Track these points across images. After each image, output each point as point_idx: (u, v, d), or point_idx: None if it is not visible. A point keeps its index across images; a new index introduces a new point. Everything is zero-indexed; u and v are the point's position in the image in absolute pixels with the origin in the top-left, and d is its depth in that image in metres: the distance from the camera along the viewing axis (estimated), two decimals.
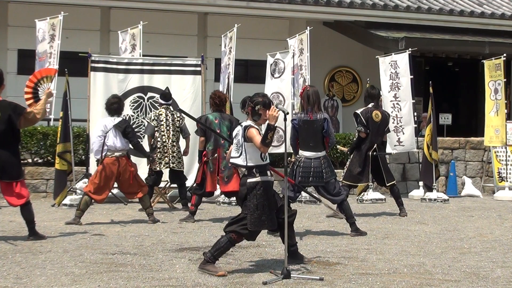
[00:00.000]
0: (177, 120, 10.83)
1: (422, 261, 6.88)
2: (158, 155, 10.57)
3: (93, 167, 10.83)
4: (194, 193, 9.82)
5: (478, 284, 5.90)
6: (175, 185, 11.35)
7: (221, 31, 14.53)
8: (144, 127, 11.67)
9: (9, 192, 7.76)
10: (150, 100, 12.14)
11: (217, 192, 10.39)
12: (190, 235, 8.44)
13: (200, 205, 9.89)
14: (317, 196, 8.60)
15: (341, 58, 18.88)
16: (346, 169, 10.74)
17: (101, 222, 9.51)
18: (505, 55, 14.53)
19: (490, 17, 17.98)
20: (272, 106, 6.26)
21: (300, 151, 8.61)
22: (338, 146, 12.42)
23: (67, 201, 11.23)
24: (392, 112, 13.66)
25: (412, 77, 13.97)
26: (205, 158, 9.59)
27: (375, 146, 10.48)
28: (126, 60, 12.72)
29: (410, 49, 14.21)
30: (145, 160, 10.50)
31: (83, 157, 12.60)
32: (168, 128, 10.71)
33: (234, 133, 6.44)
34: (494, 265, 6.75)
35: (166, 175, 11.04)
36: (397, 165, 14.63)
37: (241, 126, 6.32)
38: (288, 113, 6.29)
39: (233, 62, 13.32)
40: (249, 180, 6.16)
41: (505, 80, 14.37)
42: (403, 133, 13.94)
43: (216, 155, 9.58)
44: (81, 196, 9.93)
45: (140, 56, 13.54)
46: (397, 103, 14.05)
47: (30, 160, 13.02)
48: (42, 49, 13.69)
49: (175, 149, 10.73)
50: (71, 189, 11.55)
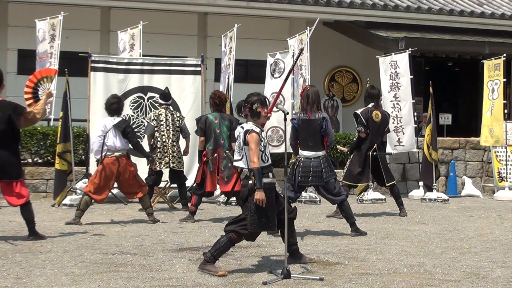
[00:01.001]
0: (177, 120, 10.83)
1: (422, 261, 6.88)
2: (158, 155, 10.58)
3: (93, 167, 10.83)
4: (194, 193, 9.82)
5: (478, 284, 5.90)
6: (175, 185, 11.35)
7: (221, 31, 14.53)
8: (144, 127, 11.68)
9: (9, 192, 7.76)
10: (150, 100, 12.15)
11: (217, 192, 10.39)
12: (190, 235, 8.44)
13: (200, 205, 9.89)
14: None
15: (341, 58, 18.88)
16: (346, 169, 10.75)
17: (101, 222, 9.51)
18: (505, 55, 14.52)
19: (490, 17, 17.98)
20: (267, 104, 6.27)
21: (300, 151, 8.61)
22: (338, 146, 12.42)
23: (67, 201, 11.24)
24: (392, 112, 13.65)
25: (412, 77, 13.96)
26: (205, 158, 9.60)
27: (375, 146, 10.49)
28: (126, 60, 12.72)
29: (410, 49, 14.20)
30: (145, 160, 10.49)
31: (83, 157, 12.60)
32: (168, 128, 10.71)
33: (236, 135, 6.39)
34: (494, 265, 6.75)
35: (166, 175, 11.05)
36: (397, 165, 14.63)
37: (242, 128, 6.26)
38: (288, 113, 6.29)
39: (233, 62, 13.32)
40: (250, 182, 6.14)
41: (505, 80, 14.37)
42: (403, 133, 13.94)
43: (216, 155, 9.58)
44: (81, 196, 9.93)
45: (140, 56, 13.55)
46: (397, 103, 14.05)
47: (30, 160, 13.02)
48: (43, 49, 13.68)
49: (175, 149, 10.74)
50: (71, 189, 11.55)
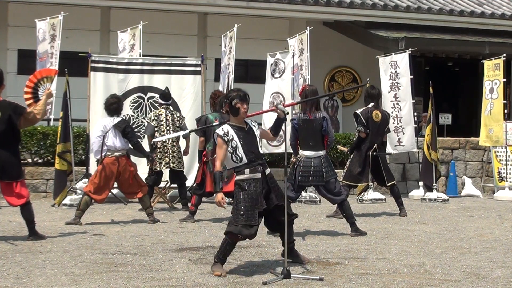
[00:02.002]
0: (177, 120, 10.83)
1: (422, 261, 6.88)
2: (158, 155, 10.58)
3: (93, 167, 10.84)
4: (194, 193, 9.82)
5: (478, 284, 5.89)
6: (175, 185, 11.35)
7: (221, 31, 14.53)
8: (144, 127, 11.68)
9: (9, 192, 7.76)
10: (150, 100, 12.15)
11: None
12: (190, 235, 8.44)
13: (200, 205, 9.89)
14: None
15: (341, 58, 18.88)
16: (346, 169, 10.74)
17: (101, 222, 9.51)
18: (505, 55, 14.52)
19: (490, 17, 17.98)
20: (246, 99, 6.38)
21: (300, 151, 8.62)
22: (338, 146, 12.42)
23: (67, 201, 11.24)
24: (392, 112, 13.65)
25: (412, 77, 13.96)
26: (205, 158, 9.60)
27: (375, 146, 10.48)
28: (126, 60, 12.72)
29: (410, 49, 14.20)
30: (145, 160, 10.51)
31: (83, 157, 12.60)
32: (168, 128, 10.71)
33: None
34: (494, 265, 6.75)
35: (166, 175, 11.05)
36: (397, 165, 14.63)
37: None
38: (288, 113, 6.30)
39: (233, 62, 13.32)
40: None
41: (505, 80, 14.37)
42: (403, 133, 13.94)
43: (215, 155, 9.56)
44: (81, 196, 9.93)
45: (140, 56, 13.55)
46: (397, 103, 14.05)
47: (30, 160, 13.02)
48: (43, 49, 13.69)
49: (175, 149, 10.74)
50: (71, 189, 11.55)
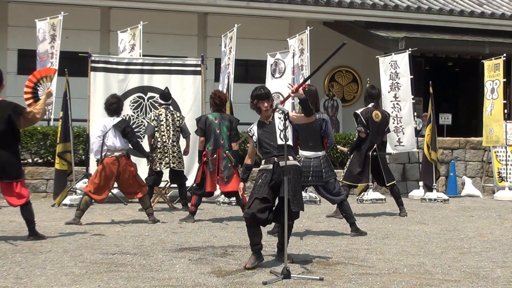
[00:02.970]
0: (177, 120, 10.83)
1: (422, 261, 6.88)
2: (159, 155, 10.58)
3: (93, 167, 10.83)
4: (194, 193, 9.82)
5: (478, 284, 5.89)
6: (175, 185, 11.35)
7: (221, 31, 14.53)
8: (144, 127, 11.68)
9: (9, 192, 7.76)
10: (150, 100, 12.14)
11: (217, 192, 10.39)
12: (190, 235, 8.43)
13: (200, 205, 9.89)
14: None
15: (341, 58, 18.81)
16: (346, 169, 10.74)
17: (101, 222, 9.50)
18: (505, 55, 14.53)
19: (490, 17, 17.98)
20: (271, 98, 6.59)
21: (300, 151, 8.61)
22: (338, 146, 12.41)
23: (67, 201, 11.24)
24: (392, 112, 13.65)
25: (412, 77, 13.97)
26: (205, 158, 9.59)
27: (375, 146, 10.48)
28: (126, 60, 12.72)
29: (410, 49, 14.21)
30: (145, 160, 10.50)
31: (83, 157, 12.60)
32: (168, 128, 10.71)
33: None
34: (494, 265, 6.74)
35: (166, 175, 11.05)
36: (397, 165, 14.63)
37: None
38: (288, 112, 6.30)
39: (233, 62, 13.33)
40: None
41: (505, 80, 14.37)
42: (403, 133, 13.94)
43: (215, 155, 9.58)
44: (81, 196, 9.93)
45: (140, 56, 13.55)
46: (397, 103, 14.05)
47: (30, 160, 13.02)
48: (43, 49, 13.69)
49: (175, 149, 10.74)
50: (71, 189, 11.55)
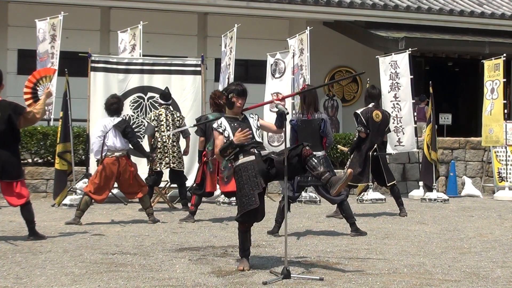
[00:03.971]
0: (177, 120, 10.83)
1: (422, 261, 6.88)
2: (159, 155, 10.57)
3: (93, 167, 10.84)
4: (194, 193, 9.82)
5: (478, 284, 5.89)
6: (175, 185, 11.35)
7: (221, 31, 14.53)
8: (144, 127, 11.68)
9: (9, 192, 7.76)
10: (150, 100, 12.15)
11: (217, 192, 10.39)
12: (190, 235, 8.43)
13: (200, 205, 9.89)
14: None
15: (341, 58, 18.89)
16: (346, 169, 10.74)
17: (101, 222, 9.50)
18: (505, 55, 14.53)
19: (490, 17, 17.99)
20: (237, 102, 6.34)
21: None
22: (338, 146, 12.41)
23: (67, 201, 11.23)
24: (392, 112, 13.65)
25: (412, 77, 13.97)
26: (205, 158, 9.60)
27: (375, 146, 10.47)
28: (126, 60, 12.73)
29: (410, 49, 14.21)
30: (145, 160, 10.51)
31: (83, 157, 12.60)
32: (168, 128, 10.70)
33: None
34: (494, 265, 6.74)
35: (166, 175, 11.05)
36: (397, 165, 14.63)
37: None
38: (288, 113, 6.30)
39: (233, 62, 13.32)
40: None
41: (505, 80, 14.37)
42: (403, 133, 13.94)
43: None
44: (81, 196, 9.93)
45: (140, 56, 13.55)
46: (397, 103, 14.05)
47: (30, 160, 13.02)
48: (43, 49, 13.69)
49: (175, 149, 10.74)
50: (71, 189, 11.55)
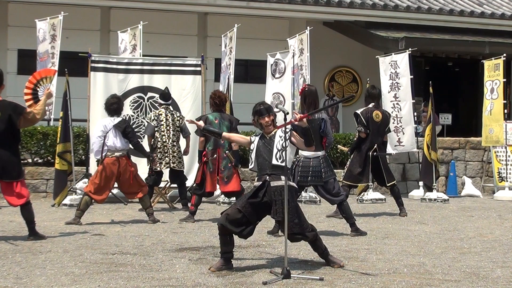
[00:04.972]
0: (177, 120, 10.83)
1: (422, 261, 6.88)
2: (159, 155, 10.57)
3: (93, 167, 10.83)
4: (194, 193, 9.82)
5: (478, 284, 5.89)
6: (175, 185, 11.35)
7: (221, 31, 14.53)
8: (144, 127, 11.67)
9: (9, 192, 7.76)
10: (150, 100, 12.15)
11: (217, 192, 10.39)
12: (190, 235, 8.43)
13: (200, 205, 9.89)
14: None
15: (341, 58, 18.88)
16: (346, 169, 10.74)
17: (101, 222, 9.50)
18: (505, 55, 14.52)
19: (490, 17, 17.99)
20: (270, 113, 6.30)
21: (299, 151, 8.59)
22: (338, 146, 12.41)
23: (67, 201, 11.23)
24: (392, 112, 13.64)
25: (412, 77, 13.96)
26: (205, 158, 9.59)
27: (375, 146, 10.47)
28: (126, 60, 12.72)
29: (410, 49, 14.20)
30: (145, 160, 10.50)
31: (83, 157, 12.60)
32: (168, 128, 10.71)
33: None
34: (494, 265, 6.74)
35: (166, 175, 11.05)
36: (397, 165, 14.62)
37: None
38: (288, 113, 6.30)
39: (233, 62, 13.33)
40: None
41: (505, 80, 14.37)
42: (403, 133, 13.94)
43: (215, 155, 9.58)
44: (81, 196, 9.93)
45: (140, 56, 13.55)
46: (397, 103, 14.05)
47: (30, 160, 13.02)
48: (43, 49, 13.68)
49: (175, 149, 10.74)
50: (71, 189, 11.55)
